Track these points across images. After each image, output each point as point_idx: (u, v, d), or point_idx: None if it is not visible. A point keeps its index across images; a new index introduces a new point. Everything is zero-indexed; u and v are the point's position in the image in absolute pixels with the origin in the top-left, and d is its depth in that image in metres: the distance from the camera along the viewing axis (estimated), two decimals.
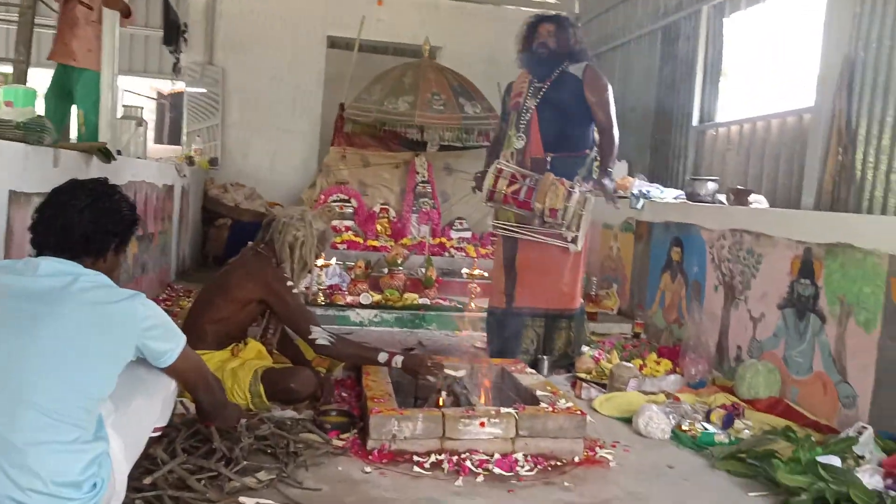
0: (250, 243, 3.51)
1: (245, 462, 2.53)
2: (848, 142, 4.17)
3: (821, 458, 2.75)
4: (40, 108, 3.99)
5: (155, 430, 2.10)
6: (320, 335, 3.22)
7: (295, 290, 3.33)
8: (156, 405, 2.06)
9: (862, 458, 2.88)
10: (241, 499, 2.33)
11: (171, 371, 2.05)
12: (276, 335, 3.54)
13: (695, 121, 6.14)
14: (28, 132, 2.78)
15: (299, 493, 2.43)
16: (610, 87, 4.32)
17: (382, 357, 3.31)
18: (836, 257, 3.49)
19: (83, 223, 1.92)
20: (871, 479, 2.67)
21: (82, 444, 1.76)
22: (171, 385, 2.12)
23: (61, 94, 4.66)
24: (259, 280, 3.27)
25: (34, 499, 1.66)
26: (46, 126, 2.86)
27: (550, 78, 4.28)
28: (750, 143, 5.33)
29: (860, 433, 2.99)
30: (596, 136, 4.34)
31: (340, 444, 2.87)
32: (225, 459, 2.52)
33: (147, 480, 2.26)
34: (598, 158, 4.33)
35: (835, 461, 2.76)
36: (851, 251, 3.40)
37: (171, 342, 2.00)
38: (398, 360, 3.30)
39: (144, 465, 2.35)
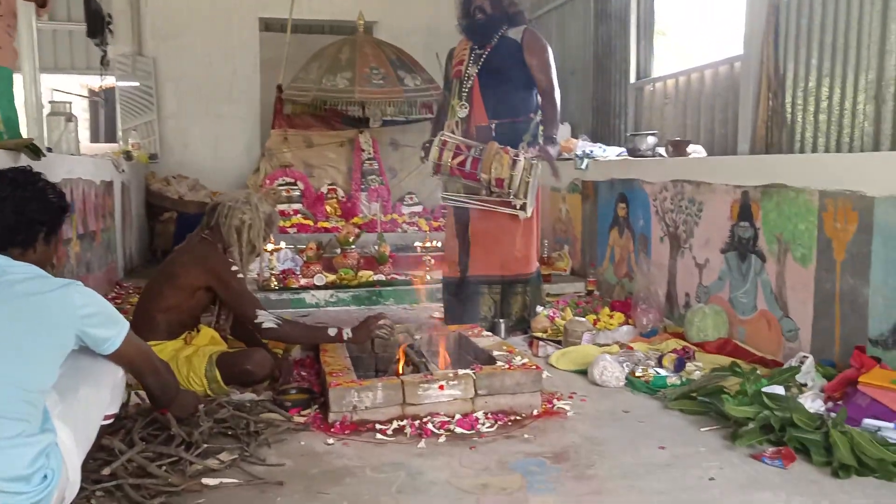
0: (195, 231, 3.47)
1: (206, 445, 2.52)
2: (777, 87, 4.28)
3: (766, 389, 2.87)
4: None
5: (105, 417, 2.08)
6: (266, 318, 3.19)
7: (240, 276, 3.29)
8: (104, 393, 2.03)
9: (804, 385, 3.01)
10: (205, 480, 2.33)
11: (115, 358, 2.02)
12: (228, 321, 3.52)
13: (632, 78, 6.22)
14: None
15: (263, 469, 2.45)
16: (549, 49, 4.33)
17: (332, 331, 3.33)
18: (772, 198, 3.61)
19: (5, 213, 1.89)
20: (812, 403, 2.80)
21: (27, 437, 1.74)
22: (119, 372, 2.10)
23: None
24: (204, 266, 3.22)
25: None
26: None
27: (490, 44, 4.27)
28: (686, 95, 5.42)
29: (802, 362, 3.12)
30: (539, 99, 4.35)
31: (302, 420, 2.88)
32: (185, 444, 2.51)
33: (106, 471, 2.25)
34: (542, 123, 4.33)
35: (779, 390, 2.89)
36: (785, 191, 3.52)
37: (112, 328, 1.97)
38: (348, 332, 3.32)
39: (102, 458, 2.34)
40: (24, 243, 1.93)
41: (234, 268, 3.27)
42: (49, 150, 3.93)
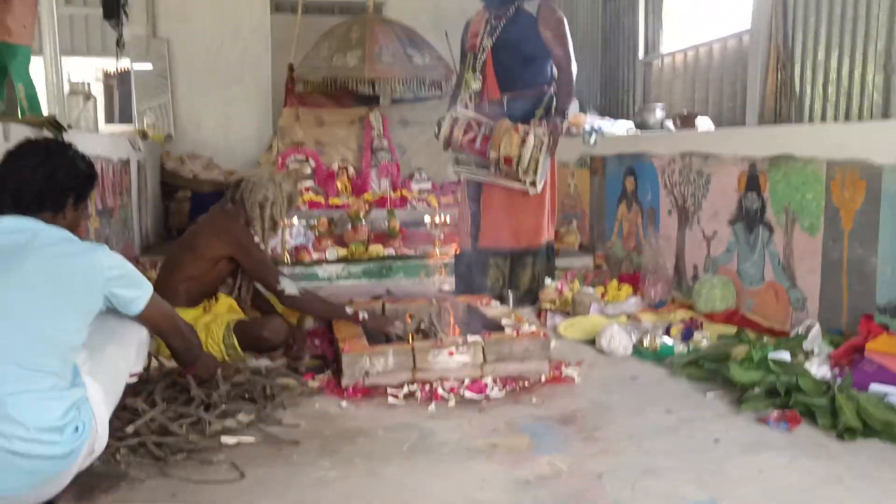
0: (217, 204, 3.54)
1: (224, 407, 2.60)
2: (786, 58, 4.29)
3: (772, 355, 2.91)
4: None
5: (131, 375, 2.15)
6: (289, 285, 3.28)
7: (263, 246, 3.39)
8: (130, 351, 2.11)
9: (811, 352, 3.05)
10: (223, 438, 2.41)
11: (141, 318, 2.09)
12: (248, 293, 3.58)
13: (640, 53, 6.23)
14: None
15: (279, 429, 2.53)
16: (566, 22, 4.27)
17: (349, 310, 3.41)
18: (780, 168, 3.63)
19: (37, 180, 1.96)
20: (818, 369, 2.84)
21: (60, 391, 1.82)
22: (144, 332, 2.17)
23: None
24: (226, 236, 3.30)
25: (18, 445, 1.72)
26: None
27: (506, 15, 4.24)
28: (694, 69, 5.44)
29: (808, 330, 3.16)
30: (554, 71, 4.31)
31: (315, 385, 2.96)
32: (204, 405, 2.60)
33: (129, 429, 2.34)
34: (556, 96, 4.31)
35: (785, 357, 2.93)
36: (793, 161, 3.54)
37: (137, 290, 2.04)
38: (364, 315, 3.40)
39: (126, 416, 2.43)
40: (54, 208, 2.00)
41: (257, 238, 3.37)
42: (69, 127, 4.00)
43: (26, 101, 3.52)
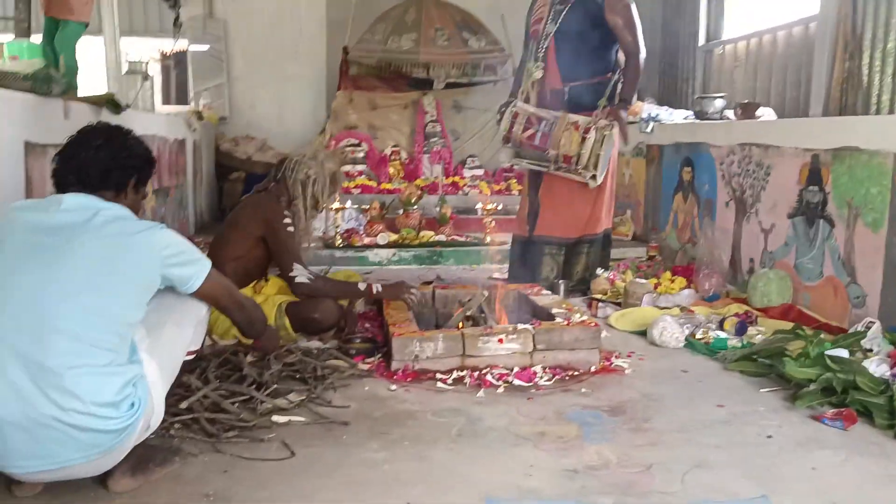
0: (261, 183, 3.56)
1: (275, 386, 2.66)
2: (854, 48, 4.14)
3: (829, 352, 2.83)
4: None
5: (188, 353, 2.19)
6: (300, 273, 3.22)
7: (291, 229, 3.29)
8: (187, 330, 2.14)
9: (870, 351, 2.96)
10: (275, 417, 2.46)
11: (200, 295, 2.12)
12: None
13: (701, 40, 6.09)
14: (36, 83, 2.85)
15: (329, 410, 2.56)
16: (634, 7, 4.10)
17: (362, 286, 3.39)
18: (843, 161, 3.52)
19: (101, 159, 2.01)
20: (877, 368, 2.75)
21: (116, 366, 1.86)
22: (203, 310, 2.21)
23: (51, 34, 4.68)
24: (261, 215, 3.30)
25: (75, 418, 1.77)
26: (54, 76, 2.93)
27: (571, 1, 4.09)
28: (757, 57, 5.29)
29: (868, 328, 3.06)
30: (619, 57, 4.17)
31: (366, 367, 2.99)
32: (256, 384, 2.65)
33: (183, 405, 2.40)
34: (621, 84, 4.15)
35: (843, 354, 2.85)
36: (857, 154, 3.42)
37: (194, 267, 2.06)
38: (378, 287, 3.38)
39: (180, 393, 2.49)
40: (116, 187, 2.05)
41: (287, 220, 3.29)
42: (127, 106, 4.10)
43: (64, 70, 3.57)
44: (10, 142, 2.61)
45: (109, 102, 3.49)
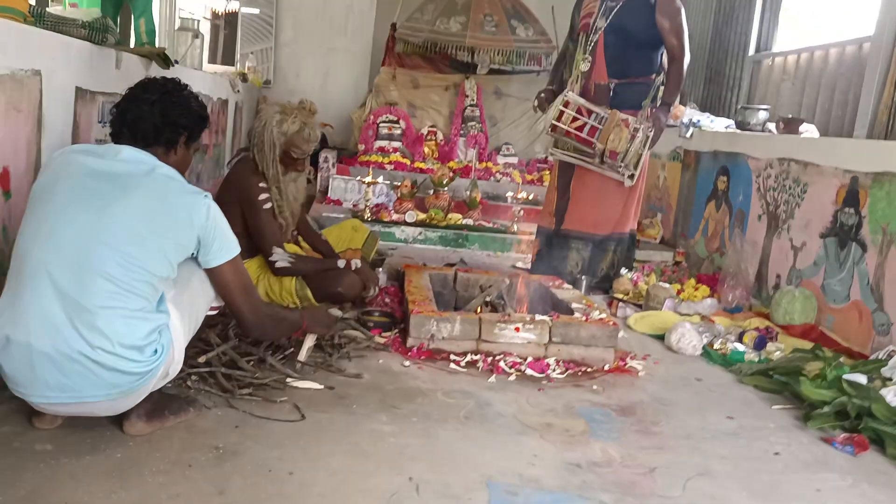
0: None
1: (291, 350, 2.70)
2: None
3: (847, 376, 2.81)
4: None
5: (212, 308, 2.24)
6: (280, 257, 3.14)
7: (267, 206, 3.12)
8: (211, 287, 2.19)
9: (889, 380, 2.93)
10: (290, 380, 2.50)
11: (216, 274, 2.11)
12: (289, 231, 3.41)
13: (751, 50, 6.00)
14: (92, 32, 2.90)
15: (342, 379, 2.60)
16: (683, 12, 4.11)
17: (341, 263, 3.32)
18: (883, 186, 3.46)
19: (153, 115, 2.06)
20: (894, 397, 2.72)
21: (146, 313, 1.93)
22: None
23: (116, 1, 4.76)
24: (235, 192, 3.14)
25: (102, 357, 1.84)
26: (110, 27, 2.98)
27: None
28: (806, 73, 5.20)
29: (890, 356, 3.03)
30: (664, 60, 4.17)
31: (382, 341, 3.02)
32: (273, 347, 2.70)
33: (201, 359, 2.45)
34: (664, 84, 4.14)
35: (861, 380, 2.82)
36: None
37: (225, 244, 2.09)
38: (356, 263, 3.33)
39: (200, 346, 2.55)
40: (167, 143, 2.10)
41: (263, 196, 3.11)
42: (176, 62, 4.15)
43: (146, 36, 3.66)
44: (63, 86, 2.67)
45: (160, 57, 3.54)
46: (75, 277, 1.85)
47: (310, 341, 2.70)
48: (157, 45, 3.94)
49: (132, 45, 4.66)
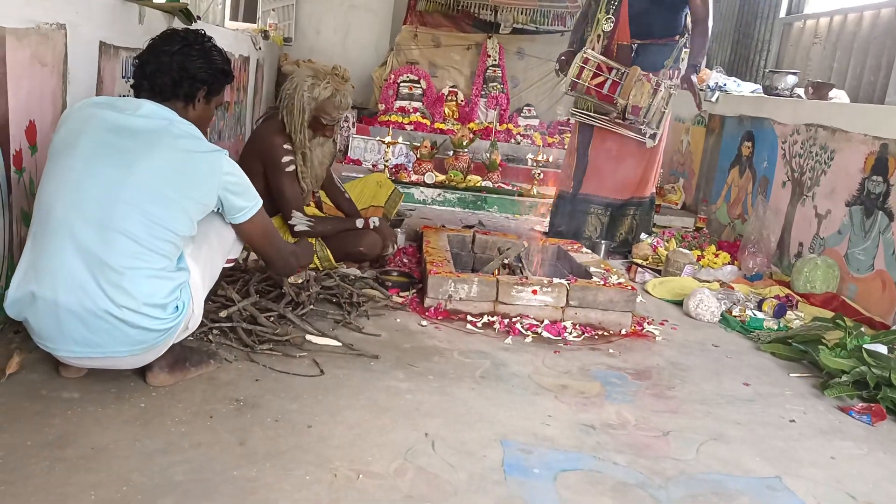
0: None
1: (311, 307, 2.73)
2: None
3: (867, 346, 2.79)
4: None
5: (228, 261, 2.26)
6: (298, 221, 3.15)
7: (291, 168, 3.13)
8: (228, 239, 2.19)
9: None
10: (309, 336, 2.53)
11: (243, 229, 2.15)
12: (312, 194, 3.45)
13: (782, 12, 5.85)
14: None
15: (360, 336, 2.63)
16: None
17: (360, 222, 3.35)
18: None
19: (172, 67, 2.04)
20: None
21: (168, 272, 1.94)
22: None
23: None
24: (258, 152, 3.15)
25: (127, 315, 1.86)
26: None
27: None
28: (838, 36, 5.08)
29: None
30: (687, 21, 4.14)
31: (400, 300, 3.04)
32: (292, 304, 2.72)
33: (223, 314, 2.48)
34: (688, 48, 4.13)
35: (881, 349, 2.80)
36: None
37: (248, 201, 2.11)
38: (374, 221, 3.38)
39: (221, 301, 2.58)
40: (186, 98, 2.08)
41: (286, 158, 3.12)
42: (198, 18, 4.12)
43: None
44: (87, 40, 2.66)
45: (182, 12, 3.51)
46: (99, 236, 1.86)
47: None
48: (179, 0, 3.92)
49: None
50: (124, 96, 2.94)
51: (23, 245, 2.21)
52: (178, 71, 2.05)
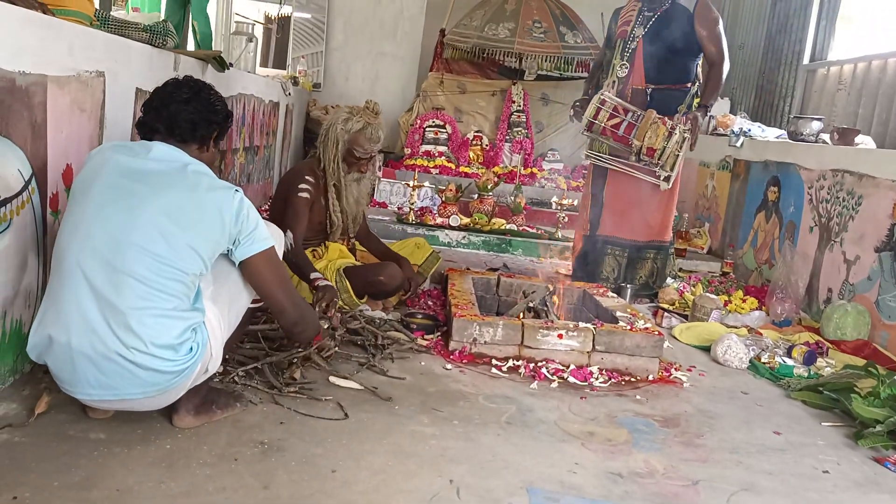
0: None
1: (336, 349, 2.73)
2: None
3: None
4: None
5: (254, 301, 2.25)
6: (286, 238, 3.03)
7: (304, 195, 3.24)
8: None
9: None
10: (332, 379, 2.53)
11: (250, 264, 2.08)
12: (348, 233, 3.54)
13: (805, 59, 5.88)
14: (153, 35, 2.98)
15: (385, 380, 2.63)
16: (721, 20, 4.23)
17: (314, 275, 3.05)
18: None
19: (189, 111, 2.10)
20: None
21: (180, 312, 1.94)
22: None
23: (181, 3, 4.89)
24: (287, 177, 3.36)
25: (137, 356, 1.87)
26: (170, 31, 3.06)
27: (661, 7, 4.21)
28: (863, 83, 5.08)
29: None
30: (698, 70, 4.26)
31: (424, 343, 3.04)
32: (317, 346, 2.72)
33: (240, 373, 2.45)
34: (700, 93, 4.24)
35: None
36: None
37: (258, 237, 2.07)
38: (322, 285, 2.97)
39: (246, 340, 2.60)
40: (201, 140, 2.14)
41: (304, 186, 3.25)
42: (231, 65, 4.24)
43: (199, 37, 3.75)
44: (124, 87, 2.75)
45: (216, 59, 3.62)
46: (109, 278, 1.88)
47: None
48: (210, 47, 4.05)
49: (191, 47, 4.79)
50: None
51: None
52: (194, 114, 2.10)
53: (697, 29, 4.13)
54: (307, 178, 3.29)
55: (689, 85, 4.26)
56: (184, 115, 2.09)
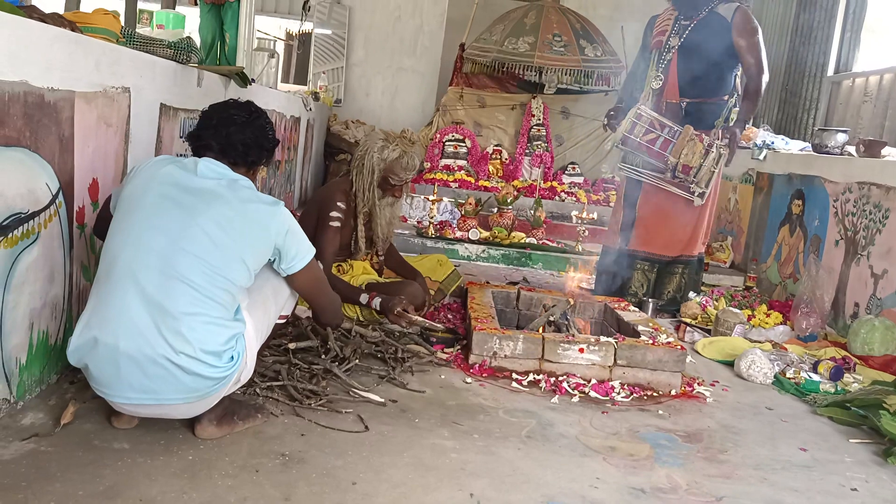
0: None
1: (356, 362, 2.74)
2: None
3: None
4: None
5: (281, 317, 2.32)
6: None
7: (335, 223, 3.29)
8: (283, 296, 2.27)
9: None
10: (353, 391, 2.53)
11: (296, 279, 2.23)
12: (376, 253, 3.58)
13: (830, 71, 5.83)
14: (177, 52, 3.03)
15: (405, 393, 2.62)
16: (760, 31, 4.07)
17: (363, 298, 3.21)
18: None
19: (245, 134, 2.15)
20: None
21: (225, 321, 2.00)
22: None
23: (216, 17, 4.96)
24: (317, 201, 3.38)
25: (184, 361, 1.91)
26: (194, 47, 3.11)
27: (698, 17, 4.08)
28: (889, 94, 5.03)
29: None
30: (737, 82, 4.13)
31: (444, 357, 3.03)
32: (338, 359, 2.74)
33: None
34: (738, 105, 4.12)
35: None
36: None
37: (303, 250, 2.19)
38: (377, 302, 3.18)
39: (268, 353, 2.61)
40: (251, 163, 2.21)
41: (335, 213, 3.28)
42: (253, 80, 4.29)
43: (227, 49, 3.81)
44: (149, 102, 2.80)
45: (239, 75, 3.66)
46: (160, 283, 1.93)
47: None
48: (235, 60, 4.11)
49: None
50: (182, 155, 3.05)
51: (81, 298, 2.29)
52: (250, 139, 2.17)
53: (736, 39, 3.99)
54: (339, 204, 3.32)
55: (726, 97, 4.14)
56: (239, 138, 2.16)
